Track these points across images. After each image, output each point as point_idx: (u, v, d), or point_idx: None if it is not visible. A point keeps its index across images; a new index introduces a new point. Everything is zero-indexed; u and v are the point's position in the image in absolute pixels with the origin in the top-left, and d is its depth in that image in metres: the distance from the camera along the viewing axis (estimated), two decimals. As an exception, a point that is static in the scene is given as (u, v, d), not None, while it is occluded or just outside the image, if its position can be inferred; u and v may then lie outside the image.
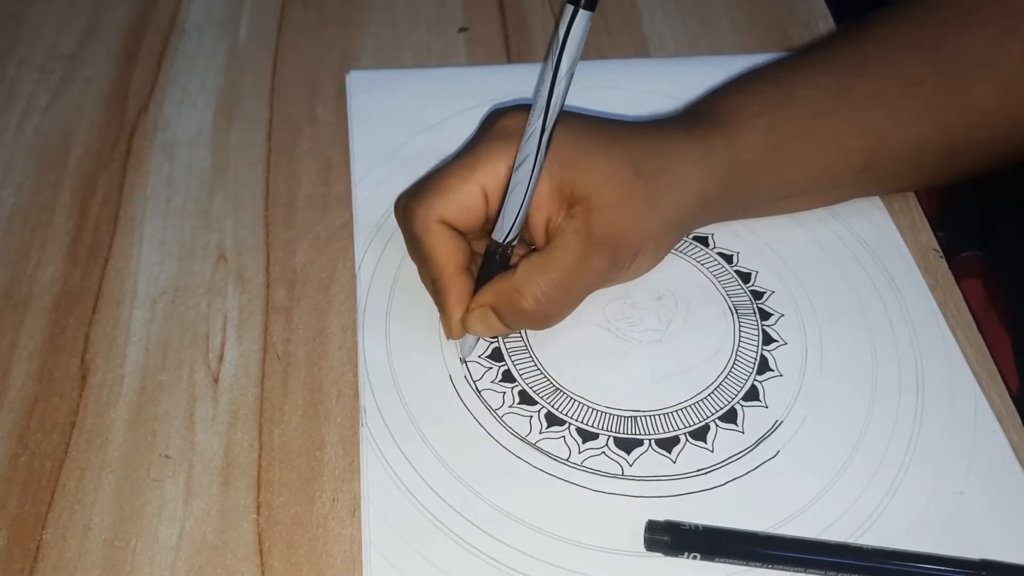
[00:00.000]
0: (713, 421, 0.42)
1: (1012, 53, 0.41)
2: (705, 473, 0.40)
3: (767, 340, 0.45)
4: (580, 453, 0.41)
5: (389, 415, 0.42)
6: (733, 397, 0.43)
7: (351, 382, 0.43)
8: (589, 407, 0.42)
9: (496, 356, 0.44)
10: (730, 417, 0.42)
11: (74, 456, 0.40)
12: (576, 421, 0.42)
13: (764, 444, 0.41)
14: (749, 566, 0.37)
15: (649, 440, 0.41)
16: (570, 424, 0.42)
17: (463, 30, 0.61)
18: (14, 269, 0.47)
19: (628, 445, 0.41)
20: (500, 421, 0.42)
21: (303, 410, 0.42)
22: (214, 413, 0.42)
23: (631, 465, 0.40)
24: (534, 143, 0.37)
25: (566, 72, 0.36)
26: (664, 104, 0.54)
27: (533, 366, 0.44)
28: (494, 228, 0.40)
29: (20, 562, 0.37)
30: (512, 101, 0.53)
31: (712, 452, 0.41)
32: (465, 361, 0.44)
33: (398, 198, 0.46)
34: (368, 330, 0.45)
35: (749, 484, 0.40)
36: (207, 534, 0.38)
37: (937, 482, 0.40)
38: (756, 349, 0.44)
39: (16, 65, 0.58)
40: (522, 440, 0.41)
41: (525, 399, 0.42)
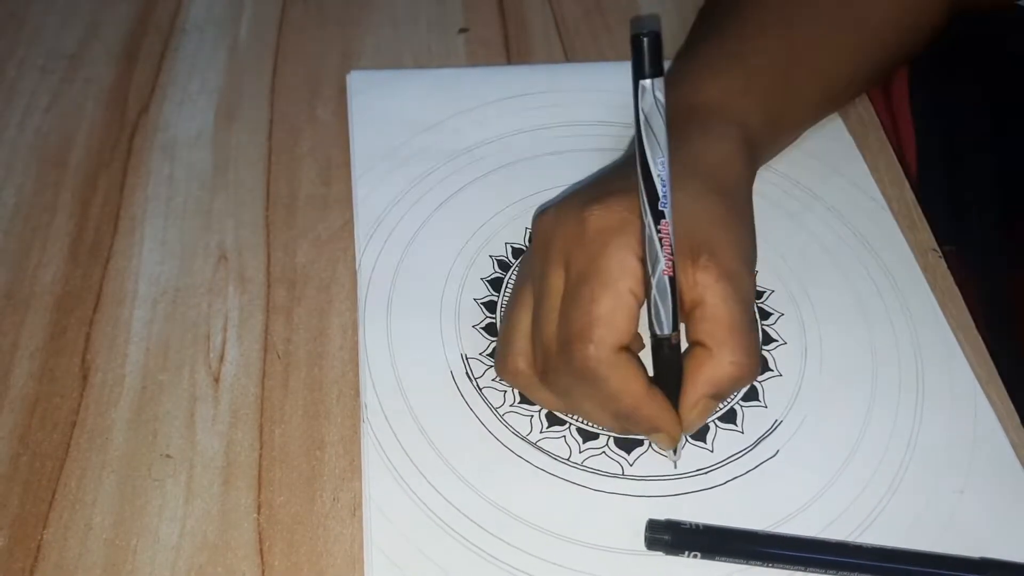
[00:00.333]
0: (713, 421, 0.42)
1: None
2: (705, 473, 0.40)
3: (767, 340, 0.45)
4: (580, 452, 0.41)
5: (390, 412, 0.42)
6: (732, 397, 0.43)
7: (352, 381, 0.43)
8: (589, 406, 0.42)
9: (496, 356, 0.44)
10: (729, 417, 0.42)
11: (75, 456, 0.41)
12: (576, 421, 0.42)
13: (764, 444, 0.41)
14: (749, 565, 0.37)
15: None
16: (570, 424, 0.42)
17: (463, 31, 0.61)
18: (15, 269, 0.47)
19: (628, 445, 0.41)
20: (501, 420, 0.42)
21: (304, 410, 0.42)
22: (215, 413, 0.42)
23: (631, 465, 0.40)
24: (656, 247, 0.36)
25: (662, 161, 0.35)
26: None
27: (533, 365, 0.44)
28: (651, 324, 0.38)
29: (21, 561, 0.37)
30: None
31: (712, 452, 0.41)
32: (467, 358, 0.44)
33: (506, 361, 0.41)
34: (369, 327, 0.45)
35: (749, 483, 0.40)
36: (208, 533, 0.38)
37: (937, 481, 0.40)
38: (756, 349, 0.44)
39: (17, 65, 0.59)
40: (523, 439, 0.41)
41: (526, 399, 0.42)
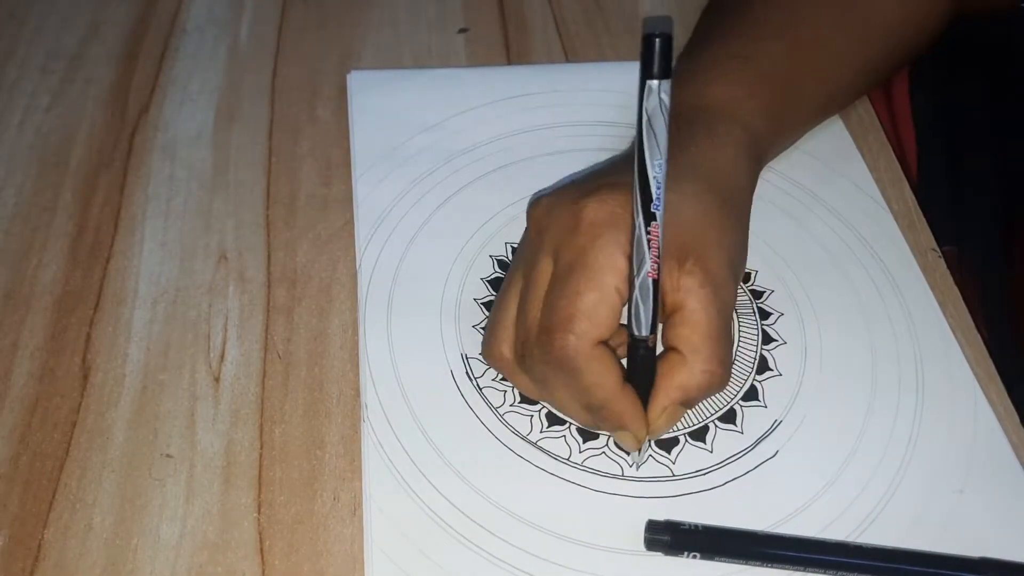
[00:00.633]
0: (712, 422, 0.42)
1: None
2: (705, 474, 0.40)
3: (766, 339, 0.45)
4: (580, 453, 0.41)
5: (391, 412, 0.42)
6: (732, 397, 0.43)
7: (352, 381, 0.43)
8: (589, 406, 0.42)
9: (496, 355, 0.44)
10: (729, 417, 0.42)
11: (75, 455, 0.41)
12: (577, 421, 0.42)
13: (763, 444, 0.41)
14: (749, 565, 0.37)
15: (649, 440, 0.41)
16: (570, 424, 0.42)
17: (463, 30, 0.61)
18: (15, 269, 0.48)
19: (628, 444, 0.41)
20: (501, 419, 0.42)
21: (304, 409, 0.42)
22: (215, 412, 0.42)
23: (631, 465, 0.40)
24: (644, 248, 0.36)
25: (659, 163, 0.35)
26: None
27: (533, 365, 0.44)
28: (629, 324, 0.38)
29: (21, 561, 0.37)
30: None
31: (711, 452, 0.41)
32: (467, 358, 0.44)
33: (492, 348, 0.41)
34: (369, 327, 0.45)
35: (748, 484, 0.40)
36: (208, 533, 0.38)
37: (936, 481, 0.40)
38: (755, 348, 0.45)
39: (17, 66, 0.59)
40: (523, 439, 0.41)
41: (526, 398, 0.42)
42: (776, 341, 0.45)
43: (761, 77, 0.47)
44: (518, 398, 0.42)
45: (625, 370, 0.39)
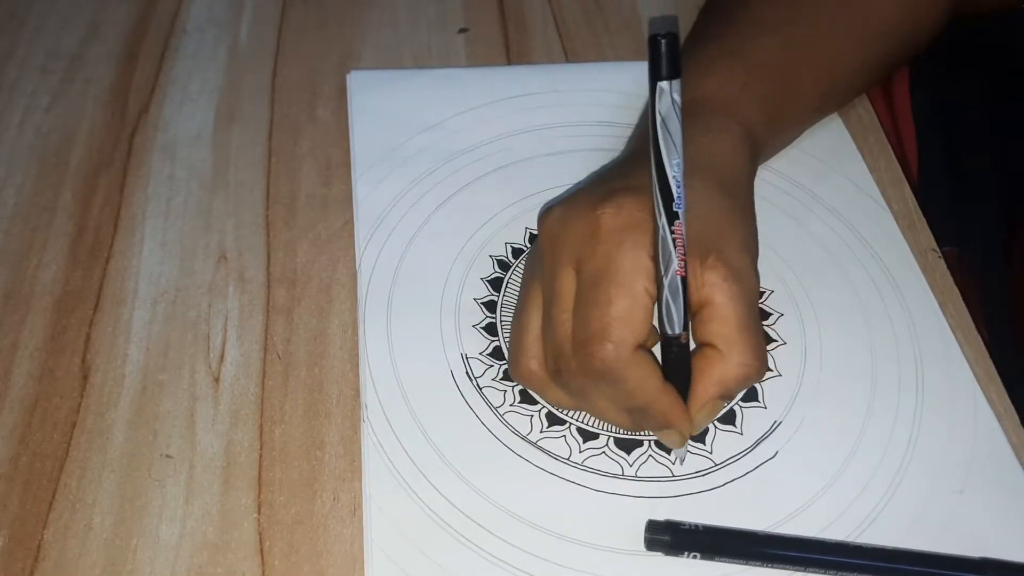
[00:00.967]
0: (712, 423, 0.42)
1: None
2: (705, 474, 0.40)
3: (766, 340, 0.45)
4: (581, 452, 0.41)
5: (391, 412, 0.42)
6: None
7: (352, 382, 0.43)
8: (589, 407, 0.42)
9: (497, 354, 0.44)
10: (729, 418, 0.42)
11: (75, 456, 0.41)
12: (576, 421, 0.42)
13: (763, 445, 0.41)
14: (749, 565, 0.37)
15: (649, 441, 0.41)
16: (571, 424, 0.42)
17: (463, 31, 0.61)
18: (15, 269, 0.48)
19: (628, 445, 0.41)
20: (501, 419, 0.42)
21: (304, 410, 0.42)
22: (215, 413, 0.42)
23: (631, 465, 0.40)
24: (670, 247, 0.36)
25: (677, 162, 0.35)
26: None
27: (533, 366, 0.44)
28: (661, 324, 0.38)
29: (21, 561, 0.37)
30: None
31: (711, 453, 0.41)
32: (467, 358, 0.44)
33: (520, 366, 0.41)
34: (369, 327, 0.45)
35: (748, 484, 0.40)
36: (208, 533, 0.38)
37: (936, 481, 0.40)
38: (756, 349, 0.44)
39: (17, 66, 0.59)
40: (523, 439, 0.41)
41: (526, 398, 0.42)
42: (776, 341, 0.45)
43: (755, 71, 0.46)
44: (518, 398, 0.42)
45: (663, 369, 0.39)
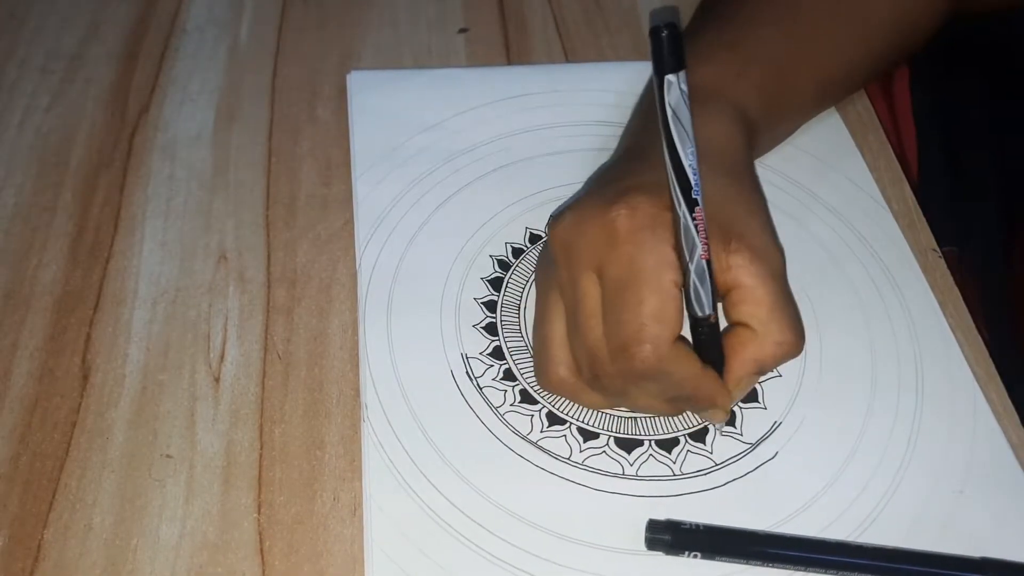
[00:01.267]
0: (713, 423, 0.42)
1: None
2: (705, 474, 0.40)
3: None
4: (581, 452, 0.41)
5: (391, 412, 0.42)
6: (733, 397, 0.43)
7: (352, 381, 0.43)
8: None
9: (497, 354, 0.44)
10: (729, 419, 0.42)
11: (75, 455, 0.41)
12: (577, 420, 0.42)
13: (763, 445, 0.41)
14: (749, 565, 0.37)
15: (649, 440, 0.41)
16: (571, 423, 0.42)
17: (463, 31, 0.61)
18: (15, 269, 0.47)
19: (628, 445, 0.41)
20: (501, 419, 0.42)
21: (304, 409, 0.42)
22: (215, 413, 0.42)
23: (632, 465, 0.40)
24: (693, 233, 0.36)
25: (691, 151, 0.35)
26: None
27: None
28: (690, 307, 0.38)
29: (21, 561, 0.37)
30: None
31: (712, 453, 0.41)
32: (467, 357, 0.44)
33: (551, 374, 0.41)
34: (369, 327, 0.45)
35: (749, 484, 0.40)
36: (208, 533, 0.38)
37: (936, 481, 0.40)
38: (756, 348, 0.44)
39: (17, 66, 0.59)
40: (523, 438, 0.41)
41: (526, 398, 0.42)
42: (776, 341, 0.45)
43: (752, 61, 0.47)
44: (518, 398, 0.42)
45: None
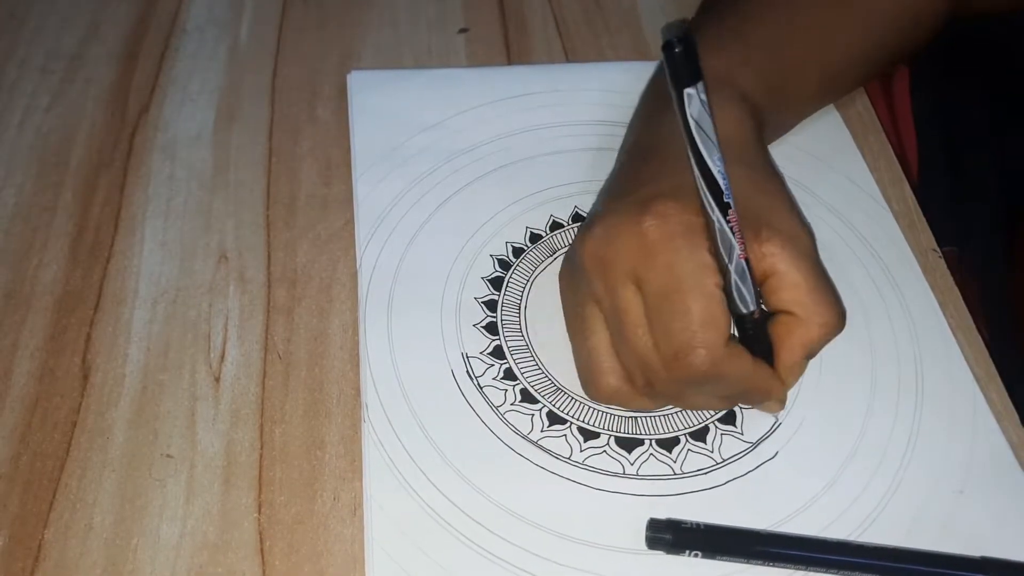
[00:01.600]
0: (713, 423, 0.42)
1: None
2: (705, 473, 0.40)
3: (767, 339, 0.45)
4: (581, 452, 0.41)
5: (391, 411, 0.42)
6: (733, 396, 0.43)
7: (352, 381, 0.43)
8: (590, 406, 0.42)
9: (497, 354, 0.44)
10: (729, 419, 0.42)
11: (75, 455, 0.41)
12: (577, 420, 0.42)
13: (764, 445, 0.41)
14: (750, 564, 0.37)
15: (650, 440, 0.41)
16: (571, 423, 0.42)
17: (463, 31, 0.61)
18: (15, 269, 0.47)
19: (629, 444, 0.41)
20: (502, 418, 0.42)
21: (304, 409, 0.42)
22: (215, 412, 0.42)
23: (632, 464, 0.41)
24: (729, 236, 0.37)
25: (718, 157, 0.36)
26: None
27: (534, 365, 0.44)
28: (734, 305, 0.38)
29: (22, 561, 0.37)
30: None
31: (712, 452, 0.41)
32: (467, 357, 0.44)
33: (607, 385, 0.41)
34: (370, 326, 0.45)
35: (749, 483, 0.40)
36: (208, 533, 0.38)
37: (937, 480, 0.40)
38: (756, 348, 0.44)
39: (17, 66, 0.59)
40: (524, 438, 0.41)
41: (527, 397, 0.42)
42: (776, 341, 0.45)
43: (758, 50, 0.47)
44: (519, 397, 0.42)
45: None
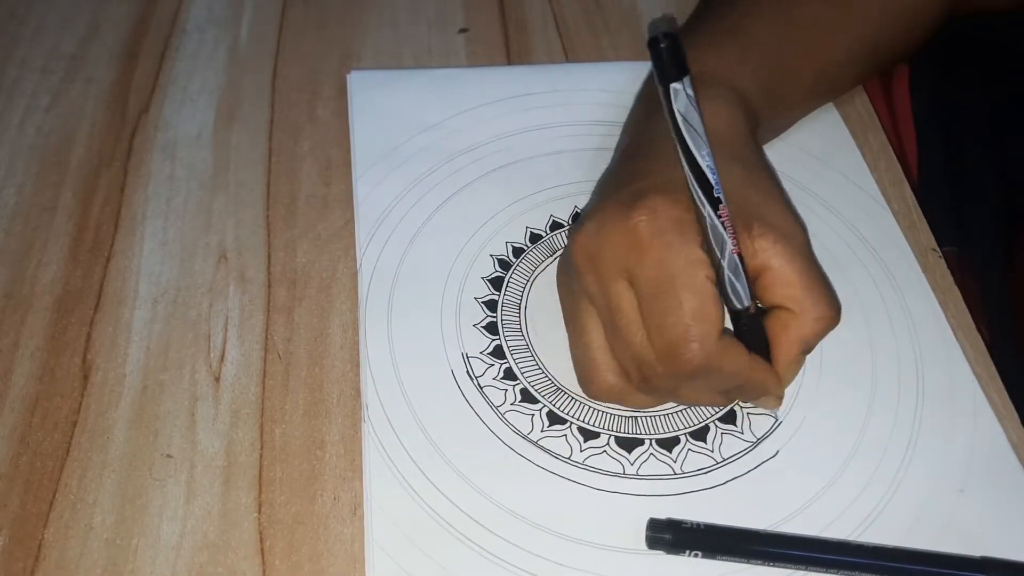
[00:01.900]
0: (713, 422, 0.42)
1: None
2: (705, 473, 0.40)
3: (767, 339, 0.45)
4: (582, 452, 0.41)
5: (391, 411, 0.42)
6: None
7: (352, 381, 0.43)
8: (590, 406, 0.42)
9: (498, 354, 0.44)
10: (730, 418, 0.42)
11: (76, 455, 0.41)
12: (577, 420, 0.42)
13: (764, 444, 0.41)
14: (750, 564, 0.37)
15: (650, 440, 0.41)
16: (571, 423, 0.42)
17: (463, 31, 0.61)
18: (16, 269, 0.47)
19: (629, 444, 0.41)
20: (502, 418, 0.42)
21: (304, 409, 0.42)
22: (215, 412, 0.42)
23: (632, 464, 0.41)
24: (721, 231, 0.37)
25: (706, 152, 0.36)
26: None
27: (534, 365, 0.44)
28: (728, 301, 0.38)
29: (22, 561, 0.37)
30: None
31: (712, 452, 0.41)
32: (468, 357, 0.44)
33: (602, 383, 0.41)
34: (370, 326, 0.45)
35: (750, 483, 0.40)
36: (209, 533, 0.38)
37: (937, 480, 0.40)
38: (756, 348, 0.44)
39: (17, 65, 0.59)
40: (524, 438, 0.41)
41: (527, 397, 0.42)
42: (776, 341, 0.45)
43: (752, 47, 0.47)
44: (519, 397, 0.42)
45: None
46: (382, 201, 0.50)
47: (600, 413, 0.42)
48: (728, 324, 0.39)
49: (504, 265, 0.48)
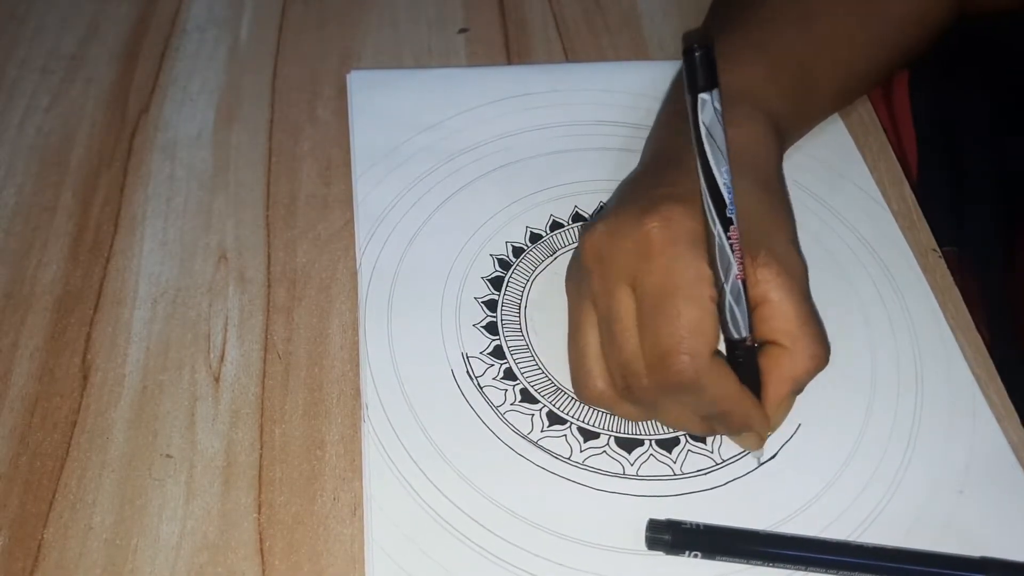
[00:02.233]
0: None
1: None
2: (705, 474, 0.40)
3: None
4: (582, 452, 0.41)
5: (391, 411, 0.42)
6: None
7: (352, 381, 0.43)
8: (590, 407, 0.42)
9: (498, 354, 0.44)
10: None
11: (75, 455, 0.41)
12: (577, 420, 0.42)
13: (764, 444, 0.41)
14: (750, 564, 0.37)
15: (650, 440, 0.41)
16: (571, 423, 0.42)
17: (463, 31, 0.61)
18: (15, 269, 0.47)
19: (629, 445, 0.41)
20: (502, 418, 0.42)
21: (304, 409, 0.42)
22: (215, 412, 0.42)
23: (632, 464, 0.40)
24: (728, 253, 0.36)
25: (725, 169, 0.36)
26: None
27: (534, 365, 0.44)
28: (726, 328, 0.38)
29: (22, 561, 0.37)
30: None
31: (712, 453, 0.41)
32: (467, 357, 0.44)
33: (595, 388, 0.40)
34: (370, 326, 0.45)
35: (749, 484, 0.40)
36: (208, 533, 0.38)
37: (936, 481, 0.40)
38: (756, 348, 0.44)
39: (17, 65, 0.59)
40: (524, 438, 0.41)
41: (527, 397, 0.42)
42: (776, 341, 0.45)
43: (779, 64, 0.47)
44: (519, 397, 0.42)
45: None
46: (382, 201, 0.50)
47: (600, 413, 0.42)
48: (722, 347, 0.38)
49: (504, 265, 0.48)
